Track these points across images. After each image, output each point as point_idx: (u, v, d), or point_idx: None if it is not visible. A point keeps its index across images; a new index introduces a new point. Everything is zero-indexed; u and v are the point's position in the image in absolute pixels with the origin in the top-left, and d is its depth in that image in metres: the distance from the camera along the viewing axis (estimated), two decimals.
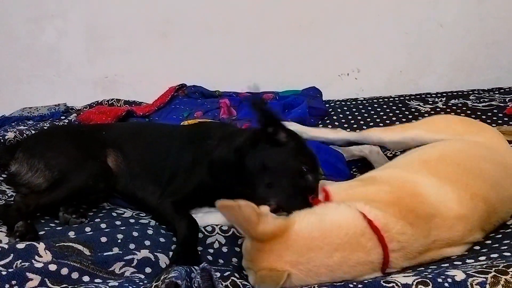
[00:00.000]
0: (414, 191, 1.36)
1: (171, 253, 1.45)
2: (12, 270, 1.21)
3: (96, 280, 1.26)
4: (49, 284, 1.20)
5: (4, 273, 1.18)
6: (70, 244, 1.39)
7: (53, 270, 1.22)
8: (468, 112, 2.50)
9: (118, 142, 1.88)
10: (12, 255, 1.30)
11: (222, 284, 1.14)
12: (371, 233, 1.23)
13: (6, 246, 1.34)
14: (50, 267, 1.22)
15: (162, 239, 1.52)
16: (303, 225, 1.24)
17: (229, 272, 1.34)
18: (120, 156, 1.85)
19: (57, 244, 1.38)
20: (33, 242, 1.37)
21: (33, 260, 1.30)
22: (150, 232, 1.52)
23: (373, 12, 2.98)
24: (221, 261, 1.49)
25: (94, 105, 2.85)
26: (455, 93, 2.81)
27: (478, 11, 2.96)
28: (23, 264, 1.29)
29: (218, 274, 1.25)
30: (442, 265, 1.26)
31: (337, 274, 1.20)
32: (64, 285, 1.21)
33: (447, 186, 1.39)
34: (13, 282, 1.17)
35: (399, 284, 1.09)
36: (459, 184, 1.40)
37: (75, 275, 1.25)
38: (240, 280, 1.30)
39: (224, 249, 1.52)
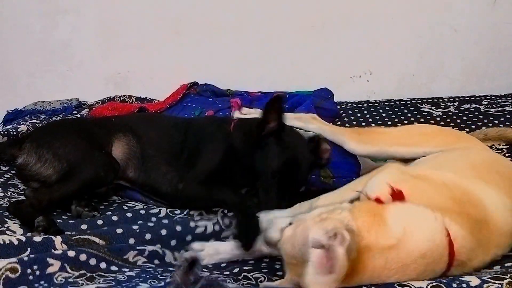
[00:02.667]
0: (476, 202, 1.24)
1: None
2: (33, 256, 1.25)
3: (112, 268, 1.30)
4: (68, 269, 1.24)
5: (25, 258, 1.22)
6: (86, 236, 1.42)
7: (72, 256, 1.26)
8: (480, 117, 2.49)
9: (130, 125, 1.89)
10: (29, 248, 1.32)
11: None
12: (446, 255, 1.12)
13: (23, 239, 1.36)
14: (69, 253, 1.27)
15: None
16: (382, 260, 1.06)
17: (237, 270, 1.36)
18: (133, 139, 1.84)
19: (74, 238, 1.41)
20: (50, 236, 1.39)
21: (46, 253, 1.31)
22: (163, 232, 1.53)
23: (386, 14, 2.97)
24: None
25: (106, 101, 2.86)
26: (468, 98, 2.79)
27: (492, 16, 2.95)
28: None
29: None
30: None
31: None
32: (82, 271, 1.25)
33: (504, 198, 1.29)
34: (35, 267, 1.20)
35: (413, 287, 1.08)
36: (509, 193, 1.31)
37: (92, 261, 1.29)
38: (251, 274, 1.34)
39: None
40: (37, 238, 1.38)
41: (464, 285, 1.08)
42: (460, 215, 1.17)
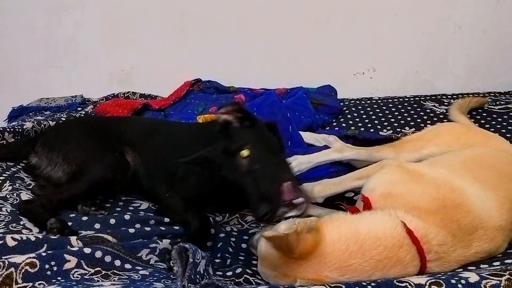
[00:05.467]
0: (461, 200, 1.32)
1: None
2: (51, 252, 1.27)
3: (126, 266, 1.32)
4: (85, 266, 1.26)
5: (44, 254, 1.24)
6: (100, 235, 1.45)
7: (88, 252, 1.28)
8: (484, 114, 2.48)
9: (134, 142, 1.90)
10: (45, 245, 1.35)
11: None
12: (410, 244, 1.20)
13: (40, 236, 1.40)
14: (85, 250, 1.29)
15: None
16: (335, 236, 1.19)
17: (240, 269, 1.37)
18: (138, 156, 1.87)
19: (88, 235, 1.44)
20: None
21: (63, 250, 1.34)
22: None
23: (390, 11, 2.97)
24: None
25: (110, 97, 2.88)
26: (471, 95, 2.78)
27: (496, 13, 2.93)
28: None
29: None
30: (456, 269, 1.26)
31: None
32: (97, 268, 1.27)
33: (489, 193, 1.36)
34: (52, 262, 1.22)
35: (412, 284, 1.09)
36: (499, 190, 1.38)
37: (108, 258, 1.30)
38: (253, 278, 1.35)
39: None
40: (53, 235, 1.43)
41: (463, 281, 1.08)
42: (434, 213, 1.27)
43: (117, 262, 1.32)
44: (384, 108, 2.69)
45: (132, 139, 1.91)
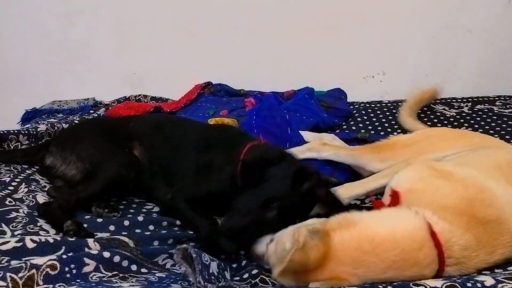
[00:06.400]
0: (491, 201, 1.26)
1: None
2: (71, 254, 1.29)
3: (142, 270, 1.34)
4: (103, 270, 1.28)
5: (64, 256, 1.26)
6: (117, 237, 1.47)
7: (106, 257, 1.30)
8: (494, 118, 2.49)
9: (143, 136, 1.93)
10: (64, 247, 1.37)
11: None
12: (431, 247, 1.17)
13: (58, 238, 1.42)
14: (104, 254, 1.30)
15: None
16: (345, 236, 1.17)
17: (256, 270, 1.38)
18: (144, 152, 1.90)
19: (105, 237, 1.46)
20: None
21: (83, 253, 1.36)
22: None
23: (400, 14, 2.98)
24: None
25: (122, 100, 2.90)
26: (481, 99, 2.79)
27: (506, 16, 2.94)
28: None
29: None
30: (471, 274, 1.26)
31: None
32: (115, 272, 1.29)
33: None
34: (72, 265, 1.24)
35: (428, 286, 1.10)
36: None
37: (125, 263, 1.32)
38: (269, 278, 1.34)
39: None
40: (71, 238, 1.45)
41: (478, 284, 1.09)
42: (461, 214, 1.23)
43: (134, 267, 1.34)
44: (394, 111, 2.69)
45: (140, 135, 1.94)
